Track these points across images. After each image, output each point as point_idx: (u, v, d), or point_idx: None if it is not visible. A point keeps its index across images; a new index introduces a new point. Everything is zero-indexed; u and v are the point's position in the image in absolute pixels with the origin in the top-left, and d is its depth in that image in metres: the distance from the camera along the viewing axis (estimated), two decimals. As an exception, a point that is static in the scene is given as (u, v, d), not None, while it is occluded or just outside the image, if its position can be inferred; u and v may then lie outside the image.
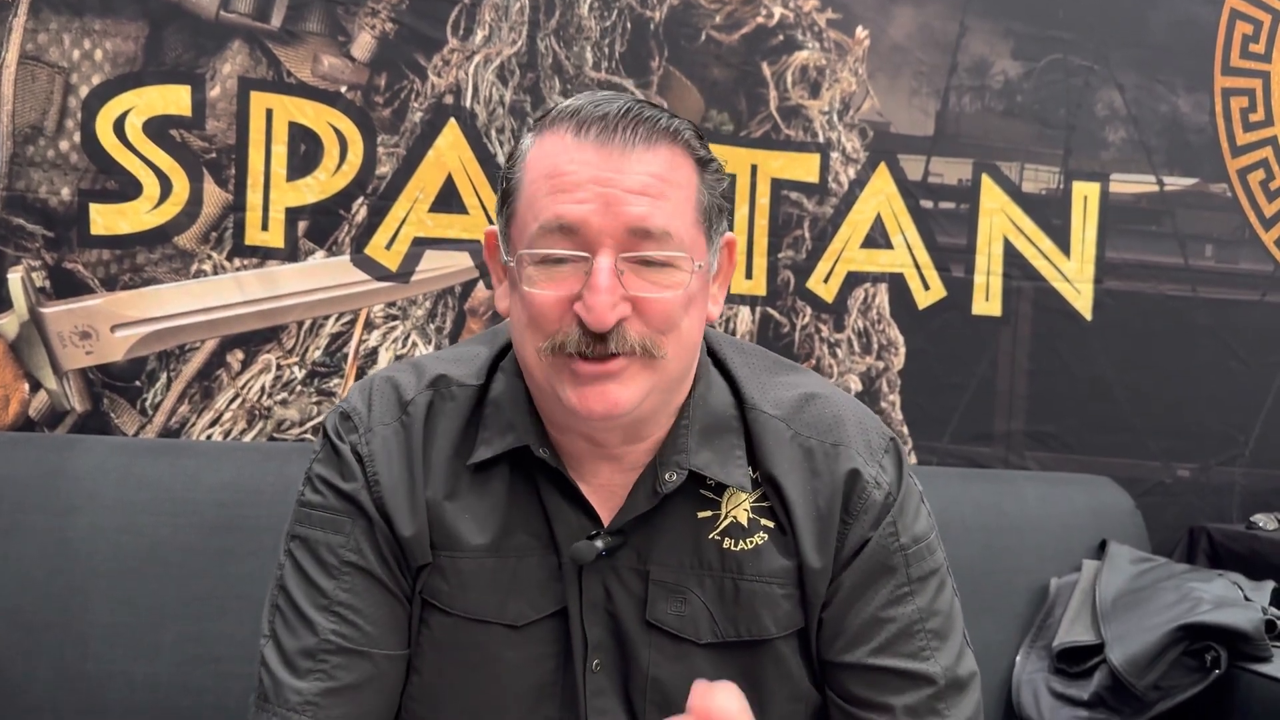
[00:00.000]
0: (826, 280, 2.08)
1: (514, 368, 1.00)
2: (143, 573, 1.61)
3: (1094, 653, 1.73)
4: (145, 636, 1.60)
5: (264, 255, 1.88)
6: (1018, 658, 1.82)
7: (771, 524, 0.99)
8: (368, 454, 0.99)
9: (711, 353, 1.05)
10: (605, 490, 0.99)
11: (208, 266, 1.86)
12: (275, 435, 1.89)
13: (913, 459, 2.10)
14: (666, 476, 0.97)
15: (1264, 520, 2.06)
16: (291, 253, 1.88)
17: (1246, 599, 1.72)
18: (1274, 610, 1.71)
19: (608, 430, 0.96)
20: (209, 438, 1.87)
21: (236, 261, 1.87)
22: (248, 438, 1.88)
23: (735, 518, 0.99)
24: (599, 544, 0.97)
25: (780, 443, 1.00)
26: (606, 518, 0.99)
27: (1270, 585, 1.79)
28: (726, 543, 0.98)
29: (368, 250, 1.91)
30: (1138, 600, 1.75)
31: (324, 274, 1.90)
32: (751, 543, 0.98)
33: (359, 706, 0.96)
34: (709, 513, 0.99)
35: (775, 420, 1.01)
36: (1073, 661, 1.75)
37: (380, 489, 0.98)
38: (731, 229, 1.18)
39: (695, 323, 0.94)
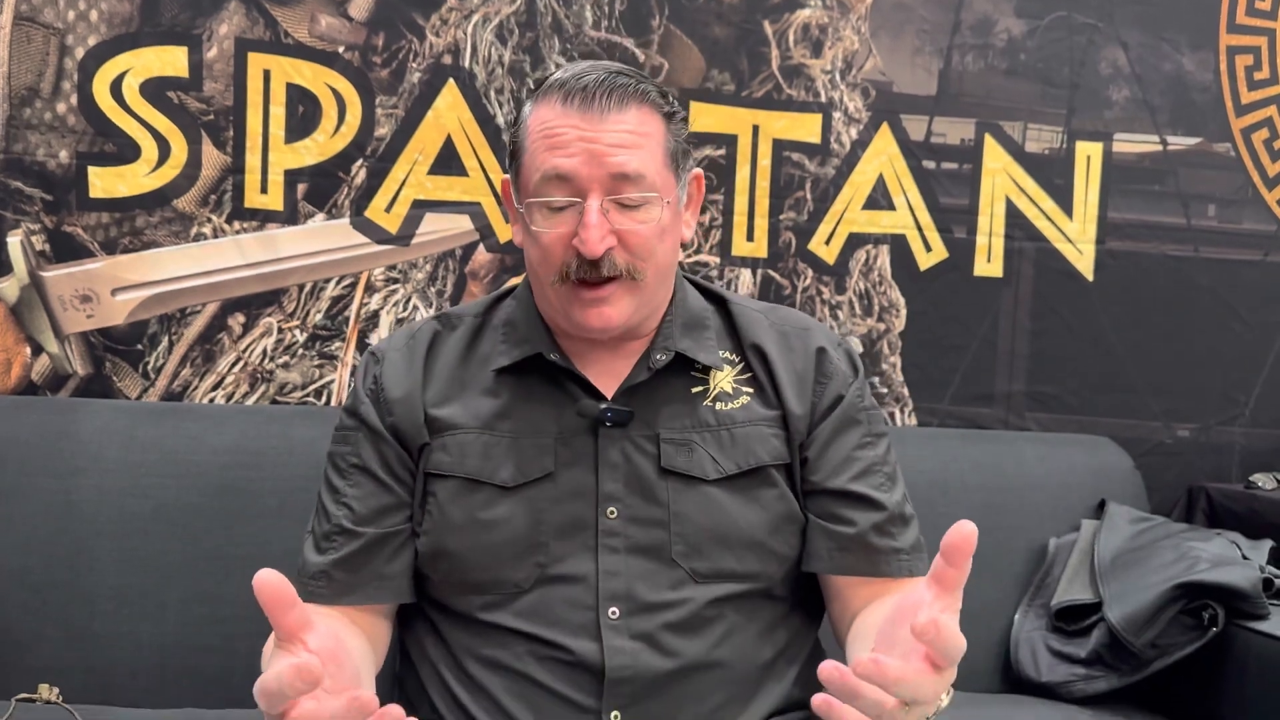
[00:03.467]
0: (828, 242, 2.08)
1: (526, 295, 1.26)
2: (148, 534, 1.63)
3: (1092, 611, 1.74)
4: (151, 597, 1.61)
5: (263, 218, 1.87)
6: (1016, 616, 1.84)
7: (752, 390, 1.25)
8: (380, 374, 1.24)
9: (697, 285, 1.31)
10: (608, 375, 1.22)
11: (207, 229, 1.86)
12: (277, 398, 1.90)
13: (913, 420, 2.10)
14: (657, 356, 1.22)
15: (1263, 480, 2.07)
16: (291, 215, 1.88)
17: (1244, 558, 1.74)
18: (1272, 569, 1.72)
19: (606, 336, 1.21)
20: (211, 401, 1.87)
21: (236, 224, 1.86)
22: (250, 401, 1.89)
23: (722, 387, 1.25)
24: (602, 405, 1.19)
25: (760, 326, 1.28)
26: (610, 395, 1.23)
27: (1268, 544, 1.80)
28: (718, 405, 1.24)
29: (367, 213, 1.91)
30: (1136, 559, 1.77)
31: (324, 237, 1.90)
32: (738, 403, 1.24)
33: (356, 571, 1.20)
34: (700, 387, 1.24)
35: (755, 312, 1.30)
36: (1071, 620, 1.76)
37: (384, 393, 1.23)
38: (697, 166, 1.39)
39: (669, 248, 1.20)
